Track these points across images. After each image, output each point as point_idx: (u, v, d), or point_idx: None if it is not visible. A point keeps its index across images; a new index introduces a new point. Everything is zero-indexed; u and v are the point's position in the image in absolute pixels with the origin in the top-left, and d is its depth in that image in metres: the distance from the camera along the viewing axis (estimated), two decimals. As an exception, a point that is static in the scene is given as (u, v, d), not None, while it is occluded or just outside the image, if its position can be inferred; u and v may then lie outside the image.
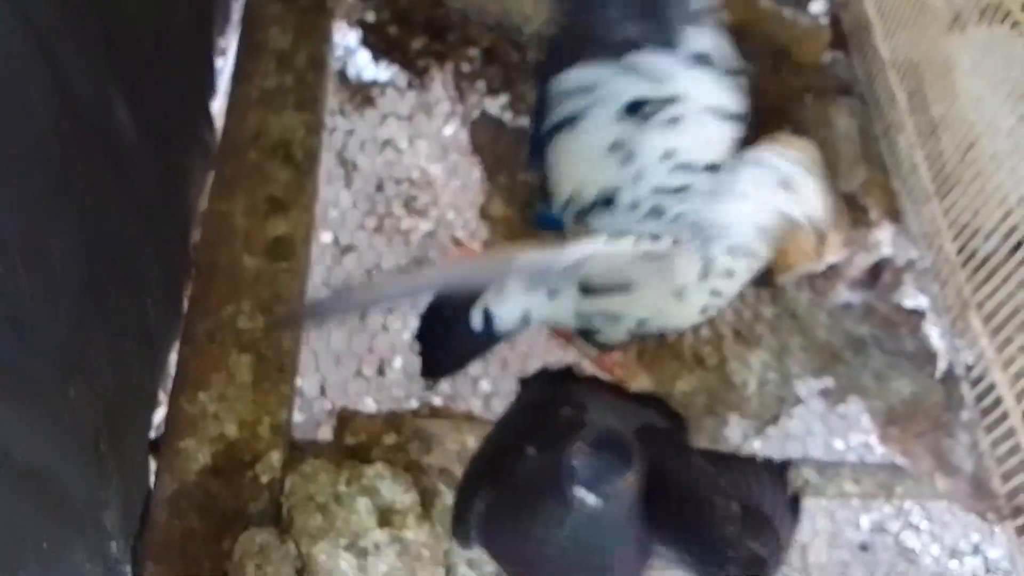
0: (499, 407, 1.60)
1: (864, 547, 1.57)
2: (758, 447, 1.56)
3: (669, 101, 1.18)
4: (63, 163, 1.05)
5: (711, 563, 1.00)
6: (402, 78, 1.96)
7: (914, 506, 1.60)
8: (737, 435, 1.58)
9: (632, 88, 1.19)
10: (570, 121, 1.24)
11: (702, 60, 1.19)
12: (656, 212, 1.17)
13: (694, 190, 1.16)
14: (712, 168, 1.17)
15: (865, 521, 1.59)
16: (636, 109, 1.19)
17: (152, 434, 1.38)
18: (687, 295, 1.17)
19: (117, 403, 1.22)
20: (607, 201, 1.21)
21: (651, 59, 1.19)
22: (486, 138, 1.93)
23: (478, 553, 1.33)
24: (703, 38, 1.21)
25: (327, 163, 1.79)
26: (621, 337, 1.28)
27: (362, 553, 1.25)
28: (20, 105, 0.95)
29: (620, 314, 1.23)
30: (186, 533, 1.27)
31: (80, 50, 1.12)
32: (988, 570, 1.58)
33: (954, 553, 1.58)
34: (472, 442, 1.42)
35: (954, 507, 1.57)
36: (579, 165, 1.25)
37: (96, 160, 1.15)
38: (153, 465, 1.34)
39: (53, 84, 1.02)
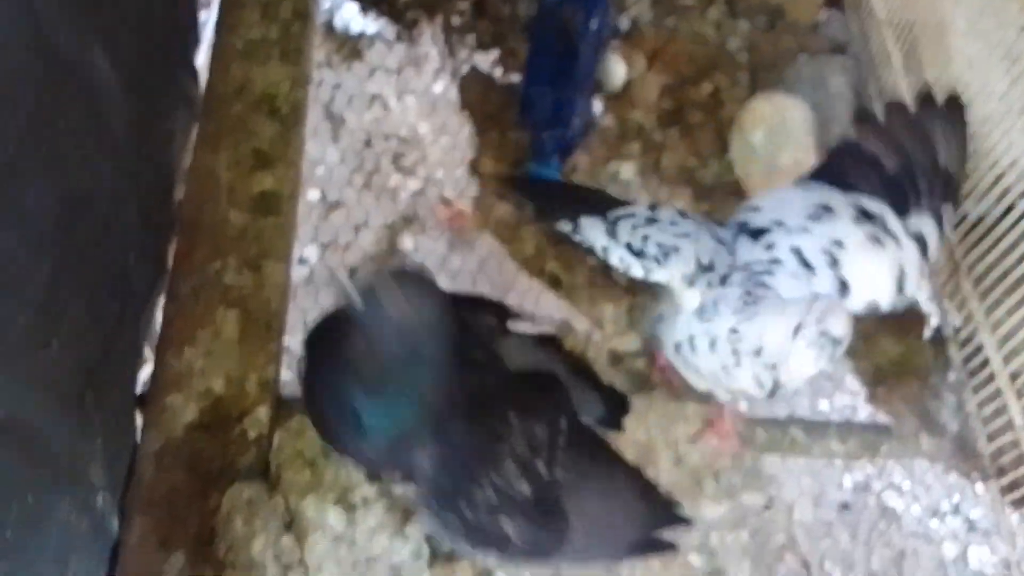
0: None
1: (846, 506, 1.59)
2: (744, 408, 1.56)
3: None
4: (37, 108, 1.02)
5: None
6: (390, 31, 1.92)
7: (896, 467, 1.61)
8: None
9: None
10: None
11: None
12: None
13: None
14: None
15: (848, 481, 1.60)
16: None
17: (138, 390, 1.37)
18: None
19: (101, 358, 1.21)
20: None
21: None
22: (476, 94, 1.90)
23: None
24: None
25: (313, 117, 1.76)
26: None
27: (351, 507, 1.26)
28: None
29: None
30: (173, 488, 1.27)
31: (59, -4, 1.08)
32: (969, 530, 1.60)
33: (935, 513, 1.60)
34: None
35: (937, 468, 1.59)
36: None
37: (73, 109, 1.12)
38: (139, 421, 1.33)
39: (29, 27, 0.99)
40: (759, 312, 1.15)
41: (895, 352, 1.61)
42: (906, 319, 1.66)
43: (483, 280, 1.69)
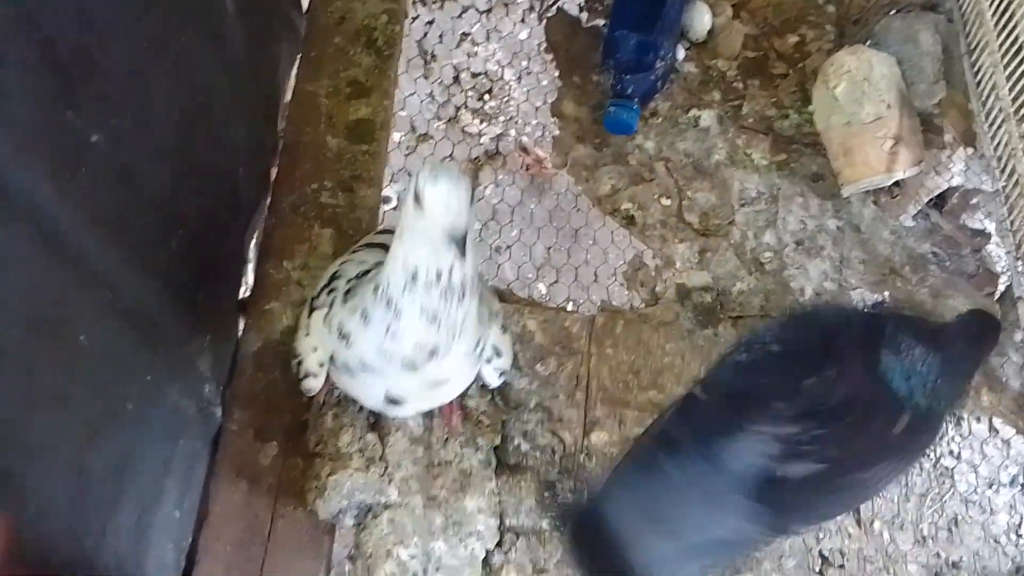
0: (560, 296, 1.67)
1: (902, 470, 1.60)
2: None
3: None
4: (162, 23, 1.11)
5: None
6: (483, -29, 1.97)
7: (955, 435, 1.63)
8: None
9: None
10: None
11: None
12: None
13: None
14: None
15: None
16: None
17: (241, 295, 1.49)
18: None
19: (212, 262, 1.32)
20: None
21: None
22: (561, 36, 1.95)
23: (532, 426, 1.43)
24: None
25: (406, 52, 1.83)
26: None
27: (427, 414, 1.35)
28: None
29: None
30: (270, 385, 1.38)
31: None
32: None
33: (992, 483, 1.61)
34: (533, 325, 1.50)
35: (997, 440, 1.60)
36: None
37: (194, 27, 1.21)
38: (241, 323, 1.45)
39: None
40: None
41: (963, 309, 1.62)
42: (977, 278, 1.67)
43: (559, 218, 1.75)
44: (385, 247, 1.06)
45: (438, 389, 1.12)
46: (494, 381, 1.21)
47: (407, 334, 1.01)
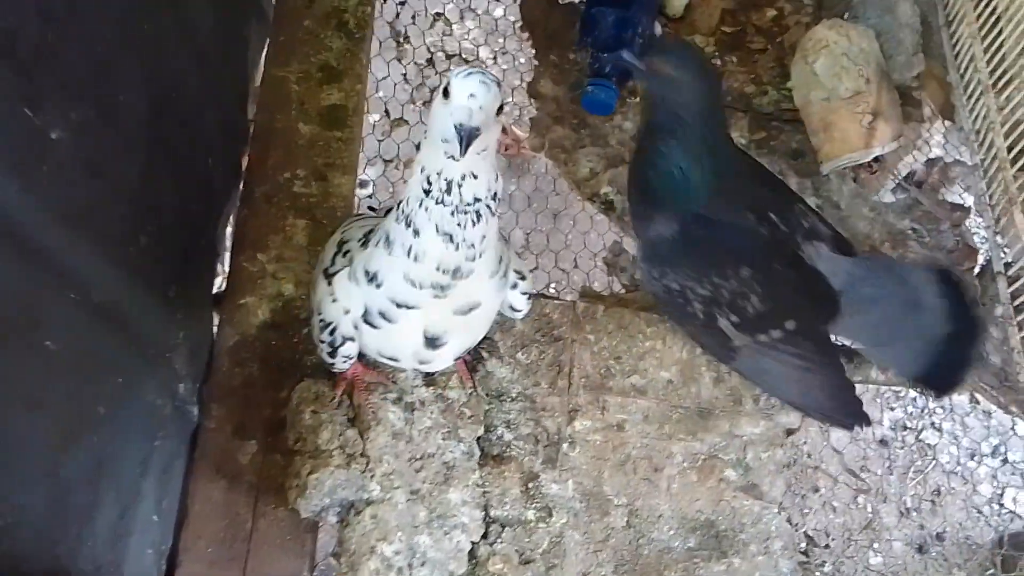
0: (541, 282, 1.66)
1: (884, 442, 1.62)
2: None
3: None
4: (128, 10, 1.08)
5: None
6: (455, -52, 1.93)
7: (937, 407, 1.63)
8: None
9: None
10: None
11: None
12: None
13: None
14: None
15: (887, 419, 1.63)
16: None
17: (215, 289, 1.46)
18: None
19: (184, 256, 1.30)
20: None
21: None
22: (537, 14, 1.91)
23: (515, 415, 1.42)
24: None
25: (378, 35, 1.79)
26: None
27: (409, 407, 1.34)
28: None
29: None
30: (247, 380, 1.36)
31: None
32: (1008, 472, 1.62)
33: (974, 455, 1.62)
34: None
35: (978, 410, 1.61)
36: None
37: (161, 13, 1.18)
38: (216, 319, 1.42)
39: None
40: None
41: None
42: (956, 253, 1.67)
43: (539, 202, 1.73)
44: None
45: (471, 317, 1.12)
46: (523, 305, 1.23)
47: (428, 253, 1.01)
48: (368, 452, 1.29)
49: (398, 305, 1.08)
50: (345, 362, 1.20)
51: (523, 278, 1.21)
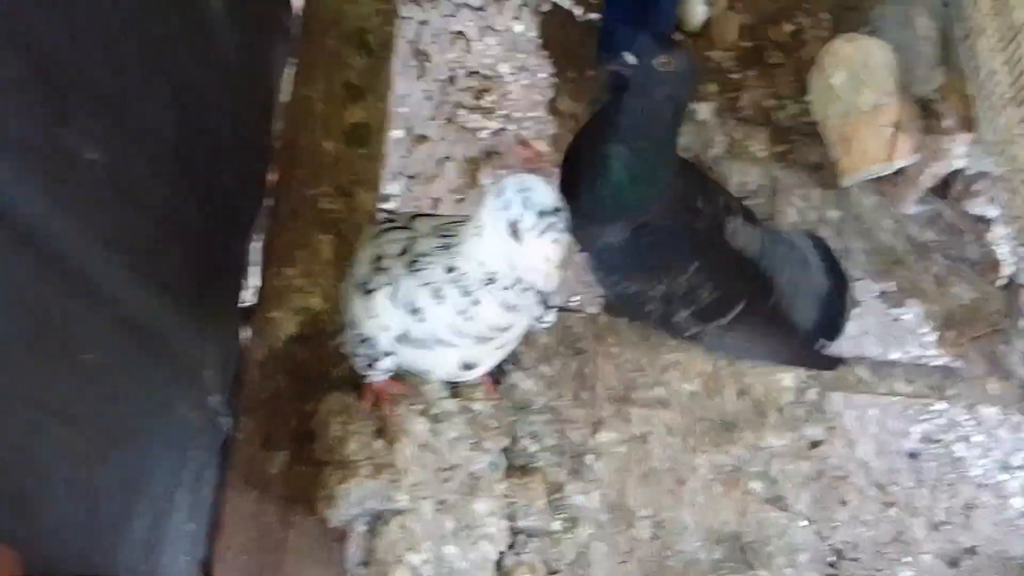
0: (564, 293, 1.66)
1: (914, 455, 1.60)
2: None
3: None
4: (157, 36, 1.11)
5: None
6: (475, -33, 1.95)
7: (968, 419, 1.62)
8: (793, 333, 1.62)
9: None
10: None
11: None
12: None
13: None
14: None
15: (917, 430, 1.61)
16: None
17: (243, 304, 1.48)
18: None
19: (213, 271, 1.32)
20: None
21: None
22: (556, 32, 1.93)
23: (540, 427, 1.43)
24: None
25: (400, 54, 1.82)
26: None
27: (435, 419, 1.35)
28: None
29: None
30: (276, 393, 1.38)
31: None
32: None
33: (1006, 467, 1.60)
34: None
35: (1010, 422, 1.59)
36: None
37: (186, 35, 1.21)
38: (244, 332, 1.44)
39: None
40: (459, 241, 1.05)
41: (968, 297, 1.63)
42: (980, 265, 1.67)
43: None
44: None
45: (504, 342, 1.17)
46: (552, 318, 1.23)
47: (483, 318, 1.06)
48: (395, 463, 1.30)
49: (438, 341, 1.12)
50: (382, 374, 1.22)
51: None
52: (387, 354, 1.17)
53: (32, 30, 0.82)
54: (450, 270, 1.05)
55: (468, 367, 1.18)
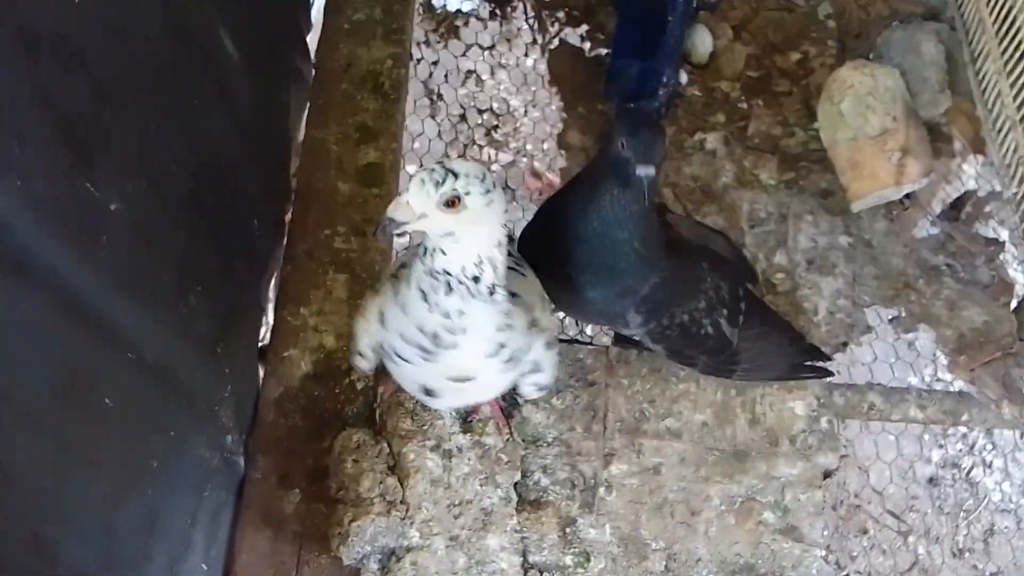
0: (574, 327, 1.69)
1: (933, 481, 1.59)
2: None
3: None
4: (173, 87, 1.16)
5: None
6: (485, 8, 2.00)
7: (987, 444, 1.61)
8: (805, 360, 1.62)
9: None
10: None
11: None
12: None
13: None
14: None
15: (936, 456, 1.61)
16: None
17: (259, 343, 1.52)
18: None
19: (230, 313, 1.36)
20: None
21: None
22: (565, 68, 1.97)
23: (551, 460, 1.44)
24: None
25: (413, 94, 1.87)
26: None
27: (447, 455, 1.37)
28: (137, 32, 1.05)
29: None
30: (291, 431, 1.41)
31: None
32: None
33: None
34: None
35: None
36: None
37: (204, 87, 1.26)
38: (261, 371, 1.48)
39: (164, 14, 1.12)
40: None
41: (980, 320, 1.62)
42: (992, 288, 1.66)
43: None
44: None
45: (465, 386, 1.15)
46: (531, 394, 1.24)
47: (409, 307, 1.06)
48: (408, 499, 1.32)
49: (396, 354, 1.13)
50: (359, 370, 1.24)
51: (539, 370, 1.19)
52: (358, 354, 1.19)
53: (56, 90, 0.87)
54: (403, 266, 1.08)
55: (429, 393, 1.17)
